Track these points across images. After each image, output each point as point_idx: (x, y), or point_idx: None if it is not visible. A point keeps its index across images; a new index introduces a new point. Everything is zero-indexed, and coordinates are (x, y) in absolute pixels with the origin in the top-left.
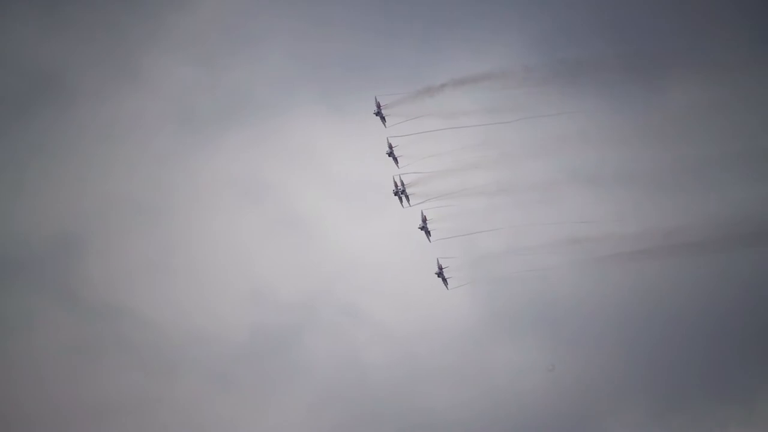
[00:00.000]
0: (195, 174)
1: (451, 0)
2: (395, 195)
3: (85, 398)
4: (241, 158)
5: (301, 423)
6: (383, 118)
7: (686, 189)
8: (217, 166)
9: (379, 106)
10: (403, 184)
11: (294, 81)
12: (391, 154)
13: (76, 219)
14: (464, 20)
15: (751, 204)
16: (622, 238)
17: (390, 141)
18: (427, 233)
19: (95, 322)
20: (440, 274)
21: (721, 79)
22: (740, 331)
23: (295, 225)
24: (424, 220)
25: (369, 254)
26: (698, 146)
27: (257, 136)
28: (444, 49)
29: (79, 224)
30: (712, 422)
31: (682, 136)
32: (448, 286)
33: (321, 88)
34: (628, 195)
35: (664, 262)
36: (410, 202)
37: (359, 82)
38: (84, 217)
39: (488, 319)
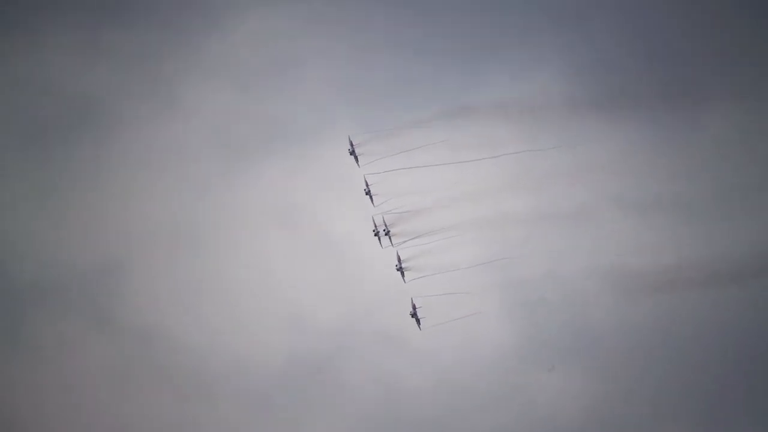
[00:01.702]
0: (233, 200)
1: (492, 23)
2: (375, 235)
3: (122, 423)
4: (279, 184)
5: None
6: (356, 158)
7: (727, 217)
8: (256, 191)
9: (352, 144)
10: (385, 224)
11: (333, 106)
12: (368, 192)
13: (115, 245)
14: (505, 45)
15: None
16: (661, 267)
17: (366, 178)
18: (402, 274)
19: (134, 347)
20: (414, 314)
21: (762, 106)
22: None
23: (333, 251)
24: (399, 260)
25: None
26: (739, 173)
27: (296, 161)
28: (484, 74)
29: (119, 250)
30: None
31: (723, 163)
32: (421, 326)
33: (360, 114)
34: (665, 223)
35: (703, 290)
36: (392, 241)
37: (399, 107)
38: (123, 243)
39: (526, 345)
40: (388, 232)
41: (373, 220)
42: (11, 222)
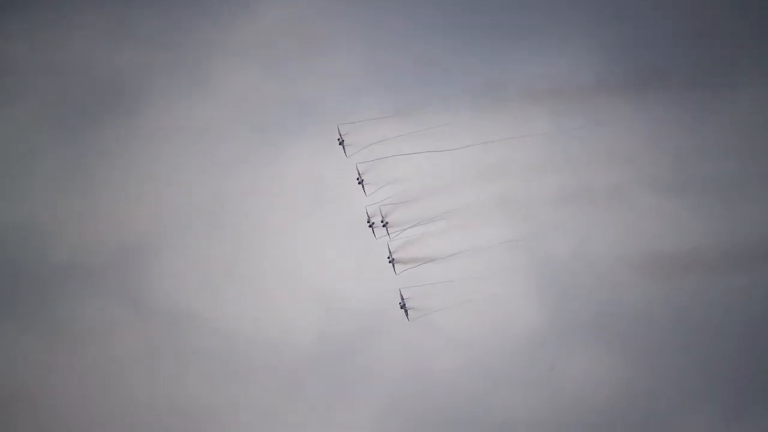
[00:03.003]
0: (263, 180)
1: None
2: (369, 227)
3: (155, 406)
4: (309, 164)
5: (369, 429)
6: (344, 148)
7: (759, 199)
8: (286, 171)
9: (341, 134)
10: (382, 215)
11: (363, 88)
12: (360, 182)
13: (144, 226)
14: (535, 28)
15: None
16: (690, 248)
17: (358, 167)
18: (393, 266)
19: (165, 329)
20: (402, 305)
21: None
22: None
23: (364, 232)
24: (390, 252)
25: (438, 261)
26: None
27: (326, 142)
28: (514, 59)
29: (148, 232)
30: None
31: (754, 144)
32: (409, 317)
33: (390, 96)
34: (696, 204)
35: (734, 273)
36: (388, 232)
37: (429, 91)
38: (152, 224)
39: (558, 327)
40: (386, 223)
41: (366, 211)
42: (40, 203)
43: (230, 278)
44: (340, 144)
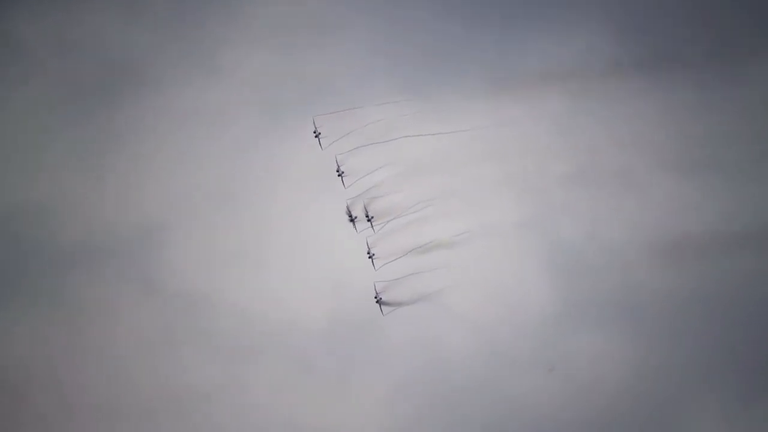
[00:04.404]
0: (275, 162)
1: None
2: (350, 221)
3: (168, 386)
4: (321, 146)
5: (381, 409)
6: (320, 141)
7: None
8: (298, 154)
9: (315, 126)
10: (366, 210)
11: (375, 71)
12: (340, 174)
13: (157, 207)
14: (548, 8)
15: None
16: (704, 230)
17: (338, 158)
18: (372, 262)
19: (178, 309)
20: (378, 300)
21: None
22: None
23: (375, 213)
24: (369, 247)
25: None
26: None
27: (337, 125)
28: (527, 40)
29: (161, 213)
30: None
31: None
32: (384, 311)
33: (402, 79)
34: (710, 185)
35: (748, 254)
36: (373, 227)
37: (441, 73)
38: (165, 205)
39: (569, 307)
40: (371, 218)
41: (347, 205)
42: (53, 184)
43: (242, 259)
44: (316, 137)
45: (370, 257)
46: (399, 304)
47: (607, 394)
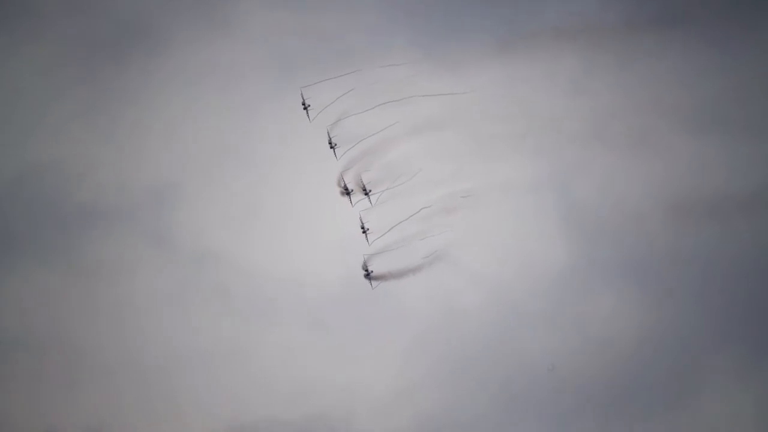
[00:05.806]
0: (288, 121)
1: None
2: (344, 194)
3: (181, 345)
4: (334, 104)
5: (396, 368)
6: (308, 112)
7: None
8: (311, 111)
9: (303, 98)
10: (363, 184)
11: (389, 26)
12: (332, 146)
13: (169, 166)
14: None
15: None
16: (718, 190)
17: (329, 131)
18: (366, 236)
19: (190, 269)
20: (367, 275)
21: None
22: None
23: (389, 171)
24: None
25: (466, 202)
26: None
27: (350, 82)
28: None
29: (173, 172)
30: None
31: None
32: (373, 286)
33: (416, 35)
34: (725, 145)
35: (763, 215)
36: (371, 200)
37: (453, 29)
38: (177, 164)
39: (584, 267)
40: (368, 192)
41: (342, 177)
42: (66, 145)
43: (255, 218)
44: (304, 108)
45: (364, 232)
46: (390, 276)
47: (621, 352)
